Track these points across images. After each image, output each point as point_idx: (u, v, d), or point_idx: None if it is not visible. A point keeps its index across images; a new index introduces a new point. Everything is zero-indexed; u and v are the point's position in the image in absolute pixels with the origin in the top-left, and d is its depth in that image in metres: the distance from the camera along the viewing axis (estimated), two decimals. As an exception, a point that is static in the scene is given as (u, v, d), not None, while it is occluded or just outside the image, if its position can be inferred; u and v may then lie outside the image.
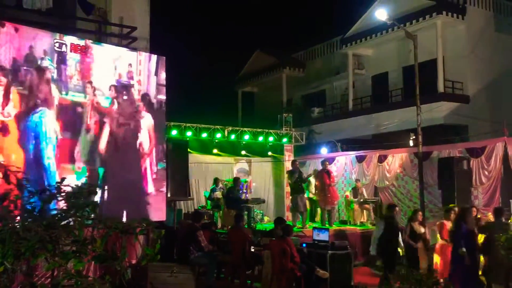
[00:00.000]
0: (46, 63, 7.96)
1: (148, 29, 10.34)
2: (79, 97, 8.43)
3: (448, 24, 17.39)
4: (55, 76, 8.07)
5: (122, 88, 9.07)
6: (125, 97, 9.07)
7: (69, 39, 8.42)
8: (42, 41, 7.97)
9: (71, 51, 8.33)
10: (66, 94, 8.23)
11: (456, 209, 8.88)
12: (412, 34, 13.99)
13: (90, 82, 8.59)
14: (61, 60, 8.19)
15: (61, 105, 8.16)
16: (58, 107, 8.12)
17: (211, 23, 33.92)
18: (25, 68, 7.70)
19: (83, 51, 8.54)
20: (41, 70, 7.91)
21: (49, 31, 8.29)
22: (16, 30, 7.68)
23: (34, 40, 7.86)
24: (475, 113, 16.67)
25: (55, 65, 8.08)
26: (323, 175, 13.10)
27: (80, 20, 9.72)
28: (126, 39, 9.83)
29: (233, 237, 9.23)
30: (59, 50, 8.20)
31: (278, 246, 8.01)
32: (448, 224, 8.54)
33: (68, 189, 4.26)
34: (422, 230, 8.88)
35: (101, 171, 8.64)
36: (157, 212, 9.22)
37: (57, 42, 8.19)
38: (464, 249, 7.36)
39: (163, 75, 9.71)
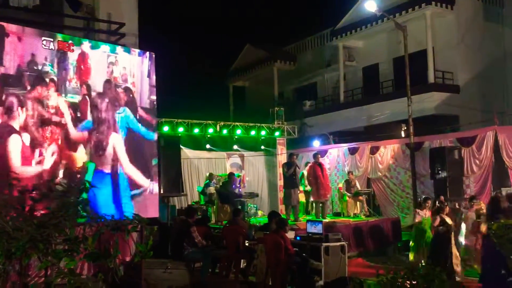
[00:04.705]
0: (47, 68, 8.53)
1: (136, 25, 10.28)
2: (77, 98, 9.02)
3: (437, 14, 17.40)
4: (55, 80, 8.62)
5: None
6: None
7: (58, 37, 8.62)
8: (43, 48, 8.41)
9: (59, 49, 8.46)
10: (65, 96, 8.83)
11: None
12: (402, 25, 14.03)
13: (87, 85, 9.07)
14: (61, 65, 8.69)
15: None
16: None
17: (201, 18, 33.76)
18: (28, 73, 8.21)
19: (71, 48, 8.69)
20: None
21: (43, 33, 8.51)
22: (19, 39, 8.16)
23: (36, 47, 8.36)
24: (466, 103, 16.73)
25: (55, 70, 8.64)
26: (316, 167, 13.07)
27: (67, 17, 9.65)
28: (115, 35, 9.76)
29: (229, 232, 9.22)
30: (47, 48, 8.30)
31: (272, 239, 8.02)
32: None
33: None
34: (450, 221, 8.90)
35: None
36: (150, 209, 9.22)
37: (44, 40, 8.29)
38: None
39: (154, 76, 9.76)
